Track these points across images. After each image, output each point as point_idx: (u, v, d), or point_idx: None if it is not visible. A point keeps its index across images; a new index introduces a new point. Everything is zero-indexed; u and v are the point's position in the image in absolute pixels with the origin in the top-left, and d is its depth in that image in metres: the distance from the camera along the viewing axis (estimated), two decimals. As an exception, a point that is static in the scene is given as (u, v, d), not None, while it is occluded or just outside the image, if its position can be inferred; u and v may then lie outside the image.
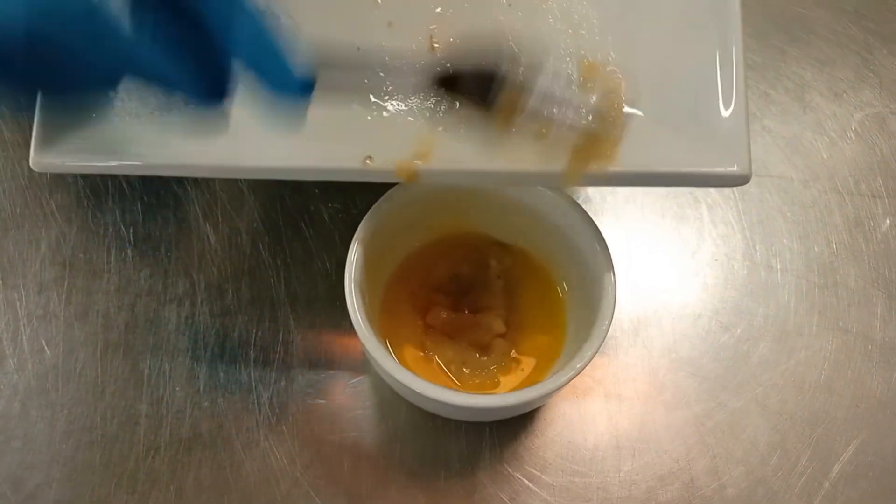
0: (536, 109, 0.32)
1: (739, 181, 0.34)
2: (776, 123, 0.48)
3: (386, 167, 0.35)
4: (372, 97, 0.36)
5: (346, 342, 0.42)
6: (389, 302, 0.40)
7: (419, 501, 0.39)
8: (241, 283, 0.43)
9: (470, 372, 0.39)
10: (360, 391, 0.41)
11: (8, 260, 0.43)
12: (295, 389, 0.41)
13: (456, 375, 0.39)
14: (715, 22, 0.35)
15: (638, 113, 0.35)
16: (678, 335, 0.43)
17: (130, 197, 0.45)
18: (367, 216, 0.37)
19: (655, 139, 0.34)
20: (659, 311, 0.43)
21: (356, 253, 0.36)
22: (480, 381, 0.39)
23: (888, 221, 0.45)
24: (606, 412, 0.41)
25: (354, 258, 0.36)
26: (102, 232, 0.44)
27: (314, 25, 0.38)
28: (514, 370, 0.39)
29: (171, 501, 0.39)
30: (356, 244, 0.36)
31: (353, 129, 0.36)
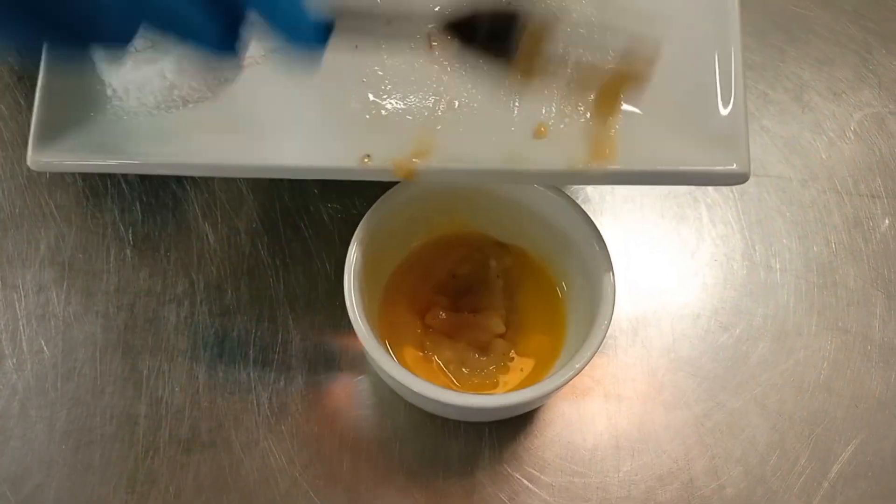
0: (560, 53, 0.29)
1: (738, 180, 0.34)
2: (775, 123, 0.48)
3: (384, 166, 0.35)
4: (370, 96, 0.36)
5: (345, 342, 0.42)
6: (389, 302, 0.40)
7: (418, 501, 0.39)
8: (240, 283, 0.43)
9: (469, 372, 0.39)
10: (359, 391, 0.41)
11: (7, 260, 0.43)
12: (294, 389, 0.41)
13: (455, 375, 0.39)
14: (714, 21, 0.35)
15: (636, 111, 0.35)
16: (677, 335, 0.43)
17: (129, 197, 0.45)
18: (366, 216, 0.37)
19: (654, 138, 0.34)
20: (658, 311, 0.43)
21: (355, 253, 0.36)
22: (480, 381, 0.39)
23: (887, 221, 0.45)
24: (606, 412, 0.41)
25: (354, 258, 0.36)
26: (101, 232, 0.44)
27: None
28: (513, 370, 0.39)
29: (170, 501, 0.39)
30: (355, 244, 0.36)
31: (351, 127, 0.36)
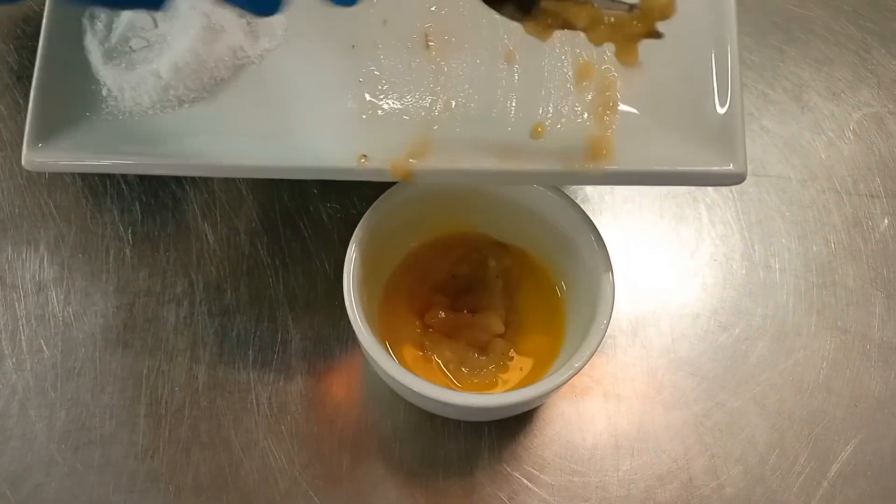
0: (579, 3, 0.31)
1: (735, 180, 0.34)
2: (774, 123, 0.48)
3: (381, 166, 0.35)
4: (367, 96, 0.36)
5: (344, 342, 0.42)
6: (388, 302, 0.40)
7: (418, 501, 0.39)
8: (239, 282, 0.43)
9: (469, 371, 0.39)
10: (358, 391, 0.41)
11: (6, 260, 0.43)
12: (293, 389, 0.41)
13: (455, 375, 0.39)
14: (710, 21, 0.35)
15: (633, 111, 0.35)
16: (677, 335, 0.43)
17: (129, 197, 0.45)
18: (365, 216, 0.37)
19: (651, 138, 0.34)
20: (658, 310, 0.43)
21: (355, 253, 0.36)
22: (479, 380, 0.39)
23: (886, 221, 0.45)
24: (605, 412, 0.41)
25: (353, 258, 0.36)
26: (101, 232, 0.44)
27: (309, 23, 0.38)
28: (512, 370, 0.39)
29: (169, 501, 0.39)
30: (355, 244, 0.36)
31: (348, 127, 0.36)
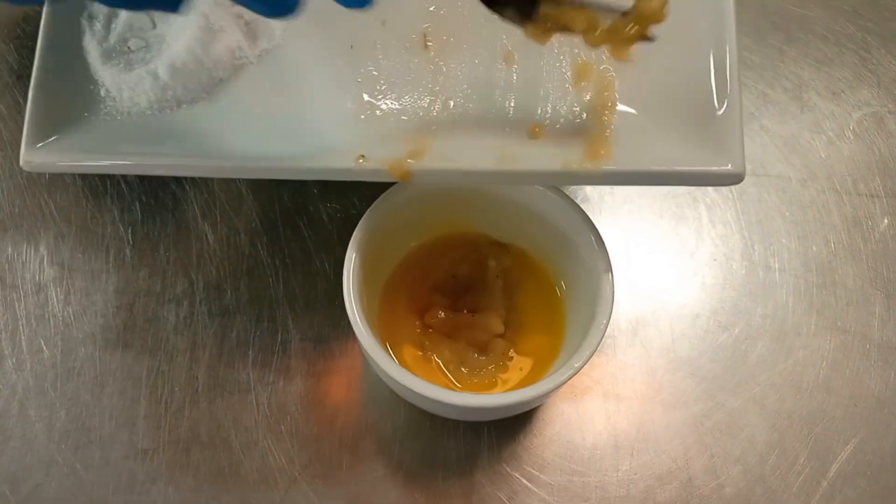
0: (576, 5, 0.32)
1: (733, 180, 0.34)
2: (774, 123, 0.48)
3: (379, 166, 0.35)
4: (365, 96, 0.36)
5: (344, 342, 0.42)
6: (388, 302, 0.40)
7: (418, 501, 0.39)
8: (239, 283, 0.43)
9: (468, 372, 0.39)
10: (358, 391, 0.41)
11: (6, 260, 0.43)
12: (293, 389, 0.41)
13: (454, 375, 0.39)
14: (709, 21, 0.35)
15: (632, 112, 0.35)
16: (676, 335, 0.43)
17: (129, 197, 0.45)
18: (365, 216, 0.37)
19: (649, 138, 0.34)
20: (657, 310, 0.43)
21: (354, 253, 0.36)
22: (479, 380, 0.39)
23: (886, 221, 0.45)
24: (605, 412, 0.41)
25: (352, 259, 0.36)
26: (101, 232, 0.44)
27: (308, 23, 0.38)
28: (512, 370, 0.39)
29: (169, 502, 0.39)
30: (354, 245, 0.36)
31: (346, 128, 0.36)
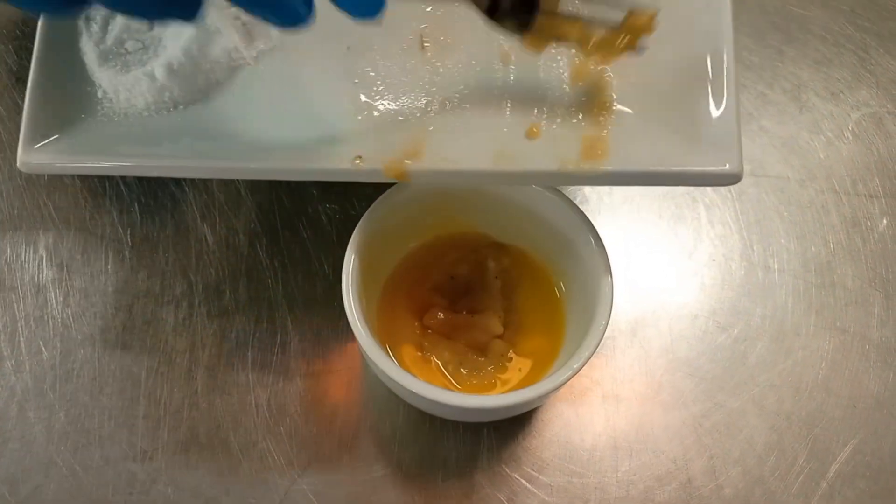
0: (571, 16, 0.33)
1: (731, 180, 0.34)
2: (773, 123, 0.48)
3: (375, 167, 0.35)
4: (362, 96, 0.36)
5: (343, 343, 0.42)
6: (387, 303, 0.40)
7: (417, 502, 0.39)
8: (238, 284, 0.43)
9: (468, 372, 0.39)
10: (357, 392, 0.41)
11: (5, 261, 0.43)
12: (292, 390, 0.41)
13: (454, 376, 0.39)
14: (706, 22, 0.35)
15: (629, 112, 0.35)
16: (676, 335, 0.43)
17: (128, 198, 0.45)
18: (364, 217, 0.37)
19: (646, 138, 0.34)
20: (656, 311, 0.43)
21: (353, 254, 0.36)
22: (478, 381, 0.39)
23: (885, 221, 0.45)
24: (604, 412, 0.41)
25: (351, 260, 0.36)
26: (100, 233, 0.44)
27: None
28: (511, 371, 0.39)
29: (168, 503, 0.39)
30: (353, 245, 0.36)
31: (342, 128, 0.36)
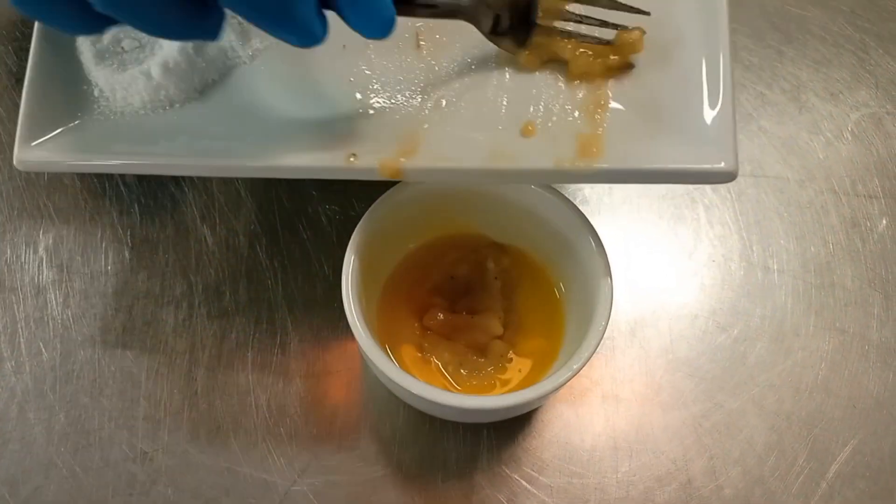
0: (566, 33, 0.35)
1: (726, 178, 0.34)
2: (772, 124, 0.48)
3: (370, 164, 0.35)
4: (358, 95, 0.36)
5: (343, 344, 0.42)
6: (387, 304, 0.40)
7: (417, 503, 0.39)
8: (238, 285, 0.43)
9: (467, 373, 0.39)
10: (357, 393, 0.41)
11: (5, 262, 0.43)
12: (292, 391, 0.41)
13: (453, 377, 0.39)
14: (702, 19, 0.35)
15: (624, 110, 0.35)
16: (675, 336, 0.43)
17: (128, 199, 0.45)
18: (363, 218, 0.37)
19: (642, 136, 0.34)
20: (656, 311, 0.43)
21: (353, 255, 0.36)
22: (478, 382, 0.39)
23: (885, 222, 0.45)
24: (604, 413, 0.41)
25: (351, 261, 0.36)
26: (100, 234, 0.44)
27: None
28: (511, 371, 0.39)
29: (169, 504, 0.39)
30: (353, 246, 0.36)
31: (338, 126, 0.36)
